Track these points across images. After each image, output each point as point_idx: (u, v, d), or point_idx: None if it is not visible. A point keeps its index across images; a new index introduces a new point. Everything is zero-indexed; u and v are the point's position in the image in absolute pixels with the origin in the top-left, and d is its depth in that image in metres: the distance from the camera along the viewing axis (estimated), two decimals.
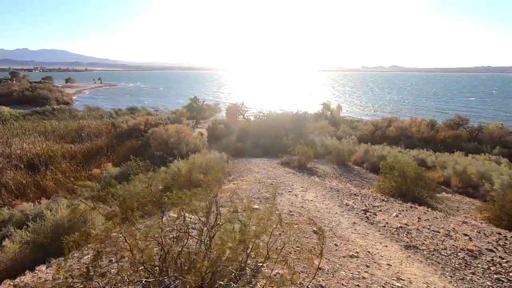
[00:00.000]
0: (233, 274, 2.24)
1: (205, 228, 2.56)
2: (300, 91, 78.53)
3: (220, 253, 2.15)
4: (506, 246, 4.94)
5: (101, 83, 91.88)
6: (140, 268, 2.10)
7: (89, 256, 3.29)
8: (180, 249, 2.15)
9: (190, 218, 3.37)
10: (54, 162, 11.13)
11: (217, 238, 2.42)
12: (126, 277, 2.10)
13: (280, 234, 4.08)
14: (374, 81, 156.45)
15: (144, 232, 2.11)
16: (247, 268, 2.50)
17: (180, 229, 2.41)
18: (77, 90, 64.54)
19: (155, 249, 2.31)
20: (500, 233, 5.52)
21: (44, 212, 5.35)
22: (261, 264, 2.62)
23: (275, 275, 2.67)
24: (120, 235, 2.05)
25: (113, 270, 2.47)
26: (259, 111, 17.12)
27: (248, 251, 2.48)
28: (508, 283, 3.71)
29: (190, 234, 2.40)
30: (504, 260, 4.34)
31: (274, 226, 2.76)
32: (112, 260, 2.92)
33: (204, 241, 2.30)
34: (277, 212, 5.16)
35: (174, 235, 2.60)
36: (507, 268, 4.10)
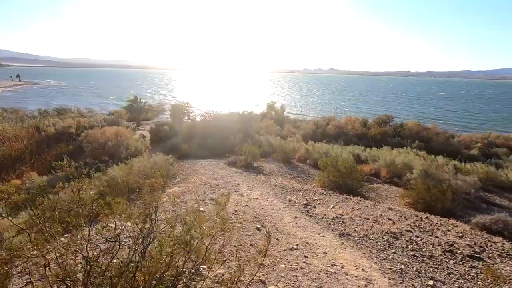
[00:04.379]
0: (170, 280, 2.17)
1: (140, 236, 2.43)
2: (240, 92, 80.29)
3: (156, 261, 2.07)
4: (421, 226, 5.74)
5: (19, 80, 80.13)
6: (62, 287, 1.89)
7: None
8: (109, 261, 2.00)
9: (126, 227, 3.16)
10: None
11: (153, 245, 2.31)
12: None
13: (223, 234, 4.09)
14: (308, 82, 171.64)
15: (65, 244, 1.91)
16: (186, 272, 2.45)
17: (110, 238, 2.24)
18: None
19: (80, 263, 2.11)
20: (417, 216, 6.39)
21: None
22: (200, 266, 2.59)
23: (216, 276, 2.67)
24: (35, 251, 1.82)
25: None
26: (206, 111, 16.84)
27: (188, 255, 2.43)
28: (421, 258, 4.32)
29: (122, 243, 2.25)
30: (419, 238, 5.04)
31: (217, 227, 2.76)
32: (30, 281, 2.59)
33: (138, 250, 2.18)
34: (221, 212, 5.15)
35: (105, 246, 2.41)
36: (421, 245, 4.77)
